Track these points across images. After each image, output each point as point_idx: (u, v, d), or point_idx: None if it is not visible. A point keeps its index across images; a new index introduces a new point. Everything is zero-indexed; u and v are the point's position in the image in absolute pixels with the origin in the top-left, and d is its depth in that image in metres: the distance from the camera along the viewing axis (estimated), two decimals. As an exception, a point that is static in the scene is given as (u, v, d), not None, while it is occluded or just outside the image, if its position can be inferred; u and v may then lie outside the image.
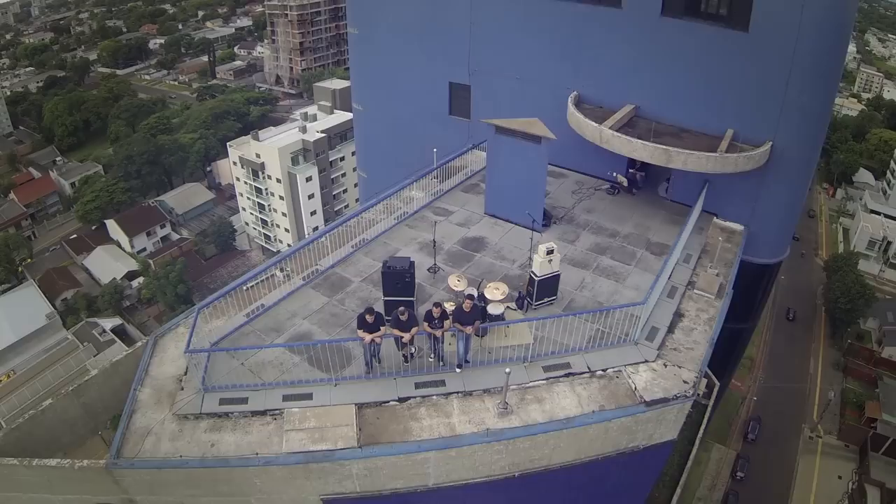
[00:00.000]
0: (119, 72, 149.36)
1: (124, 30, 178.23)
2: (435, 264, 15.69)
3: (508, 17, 20.41)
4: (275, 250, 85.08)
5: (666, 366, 13.06)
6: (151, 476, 11.92)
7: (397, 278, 12.92)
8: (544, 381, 12.44)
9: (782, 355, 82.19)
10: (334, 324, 14.10)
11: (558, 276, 13.98)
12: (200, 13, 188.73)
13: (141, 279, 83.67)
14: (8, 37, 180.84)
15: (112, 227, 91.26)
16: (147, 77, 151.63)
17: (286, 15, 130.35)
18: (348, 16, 25.54)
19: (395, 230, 17.88)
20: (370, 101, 26.25)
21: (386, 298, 13.21)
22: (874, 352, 79.40)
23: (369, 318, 11.39)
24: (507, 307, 13.38)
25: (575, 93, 19.73)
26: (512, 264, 16.28)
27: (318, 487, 11.71)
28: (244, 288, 14.81)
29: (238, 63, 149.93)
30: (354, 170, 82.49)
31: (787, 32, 16.50)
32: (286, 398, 12.10)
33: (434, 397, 12.05)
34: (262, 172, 78.12)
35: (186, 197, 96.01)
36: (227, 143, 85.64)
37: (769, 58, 16.97)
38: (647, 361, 13.05)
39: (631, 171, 19.80)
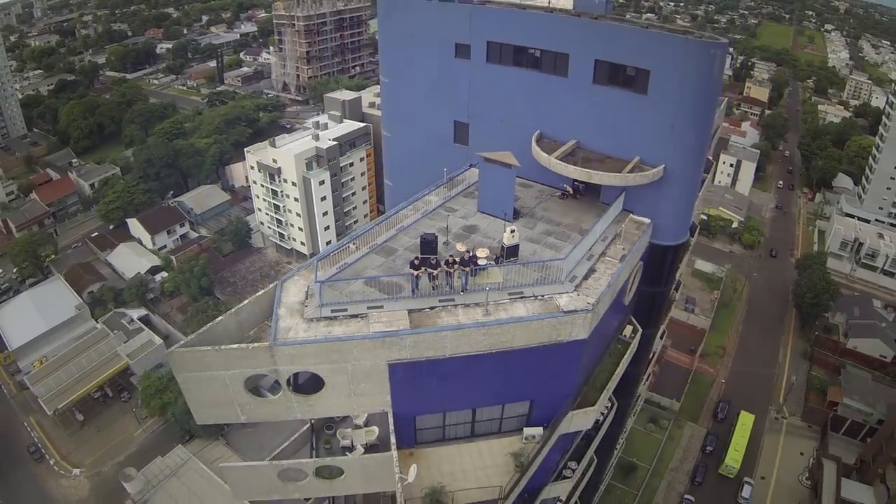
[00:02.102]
0: (128, 76, 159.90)
1: (129, 34, 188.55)
2: (447, 240, 27.05)
3: (495, 79, 31.95)
4: (289, 248, 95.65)
5: (579, 295, 24.37)
6: (295, 350, 22.81)
7: (429, 244, 24.44)
8: (508, 300, 23.83)
9: (753, 344, 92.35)
10: (391, 272, 25.42)
11: (518, 245, 25.45)
12: (204, 18, 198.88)
13: (164, 274, 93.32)
14: (13, 38, 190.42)
15: (134, 225, 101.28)
16: (156, 81, 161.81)
17: (293, 25, 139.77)
18: (381, 68, 36.94)
19: (421, 221, 29.35)
20: (396, 130, 37.72)
21: (422, 255, 24.48)
22: (839, 343, 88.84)
23: (416, 262, 22.87)
24: (489, 262, 24.68)
25: (538, 132, 31.24)
26: (493, 240, 27.65)
27: (387, 355, 22.78)
28: (331, 255, 26.08)
29: (245, 69, 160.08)
30: (363, 174, 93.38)
31: (672, 95, 27.87)
32: (369, 307, 23.37)
33: (448, 307, 23.49)
34: (279, 176, 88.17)
35: (203, 198, 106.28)
36: (245, 149, 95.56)
37: (661, 111, 28.34)
38: (567, 293, 24.31)
39: (576, 183, 31.10)
